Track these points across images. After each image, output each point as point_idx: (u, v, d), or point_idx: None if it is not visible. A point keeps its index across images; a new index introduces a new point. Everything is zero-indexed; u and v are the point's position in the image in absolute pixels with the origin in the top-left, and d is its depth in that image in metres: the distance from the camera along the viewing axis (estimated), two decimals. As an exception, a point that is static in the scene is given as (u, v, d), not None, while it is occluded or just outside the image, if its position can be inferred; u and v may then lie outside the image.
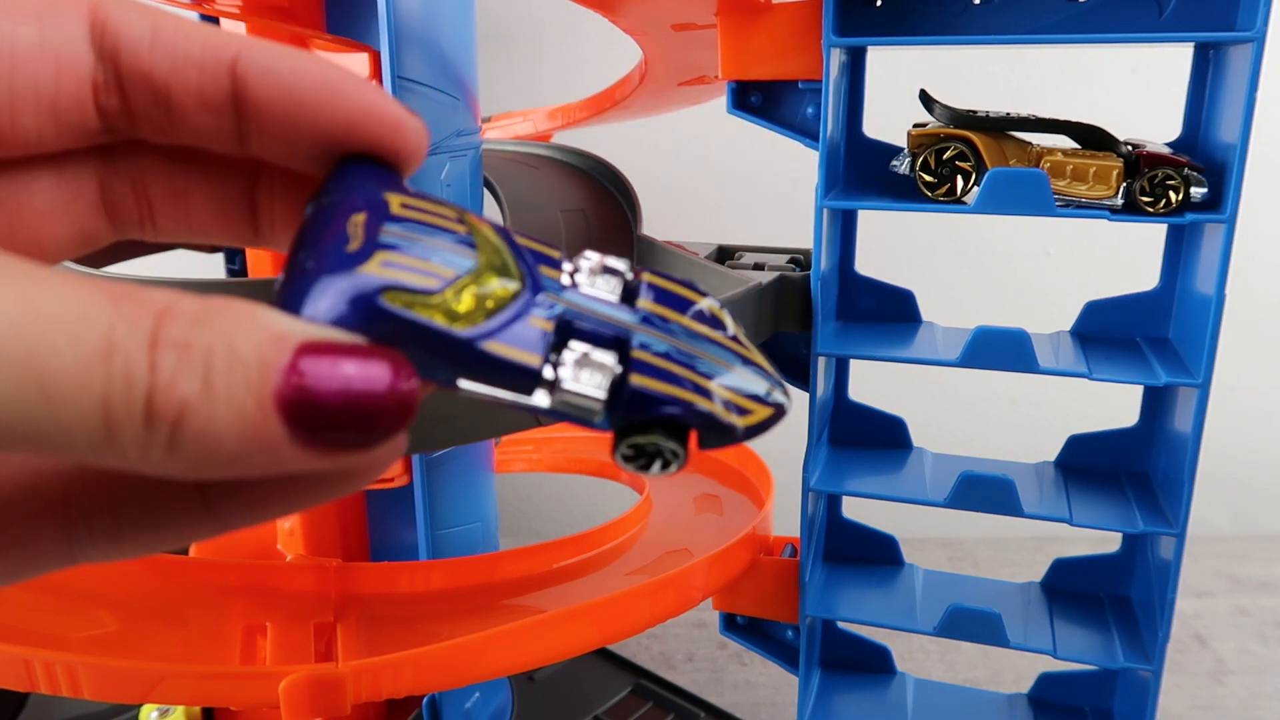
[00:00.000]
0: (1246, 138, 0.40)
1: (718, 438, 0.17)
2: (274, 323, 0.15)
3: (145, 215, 0.20)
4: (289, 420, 0.15)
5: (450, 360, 0.16)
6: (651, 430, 0.17)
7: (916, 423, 0.54)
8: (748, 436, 0.17)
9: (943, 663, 0.74)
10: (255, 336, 0.15)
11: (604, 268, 0.18)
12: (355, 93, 0.18)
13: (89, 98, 0.18)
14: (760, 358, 0.18)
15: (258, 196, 0.20)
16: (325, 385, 0.15)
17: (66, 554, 0.17)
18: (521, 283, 0.17)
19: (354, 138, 0.18)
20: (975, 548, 0.93)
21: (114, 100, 0.18)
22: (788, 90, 0.46)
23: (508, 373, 0.16)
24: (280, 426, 0.15)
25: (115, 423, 0.14)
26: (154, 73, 0.18)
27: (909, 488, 0.48)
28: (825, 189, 0.45)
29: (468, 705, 0.51)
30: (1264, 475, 0.97)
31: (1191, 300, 0.45)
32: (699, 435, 0.17)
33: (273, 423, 0.15)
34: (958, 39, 0.42)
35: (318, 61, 0.18)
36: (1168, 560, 0.45)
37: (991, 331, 0.44)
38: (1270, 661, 0.74)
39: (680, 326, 0.18)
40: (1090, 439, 0.52)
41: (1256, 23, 0.38)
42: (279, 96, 0.18)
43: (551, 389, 0.16)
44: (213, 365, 0.14)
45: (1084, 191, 0.43)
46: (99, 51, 0.18)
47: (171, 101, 0.18)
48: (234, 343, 0.14)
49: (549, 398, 0.16)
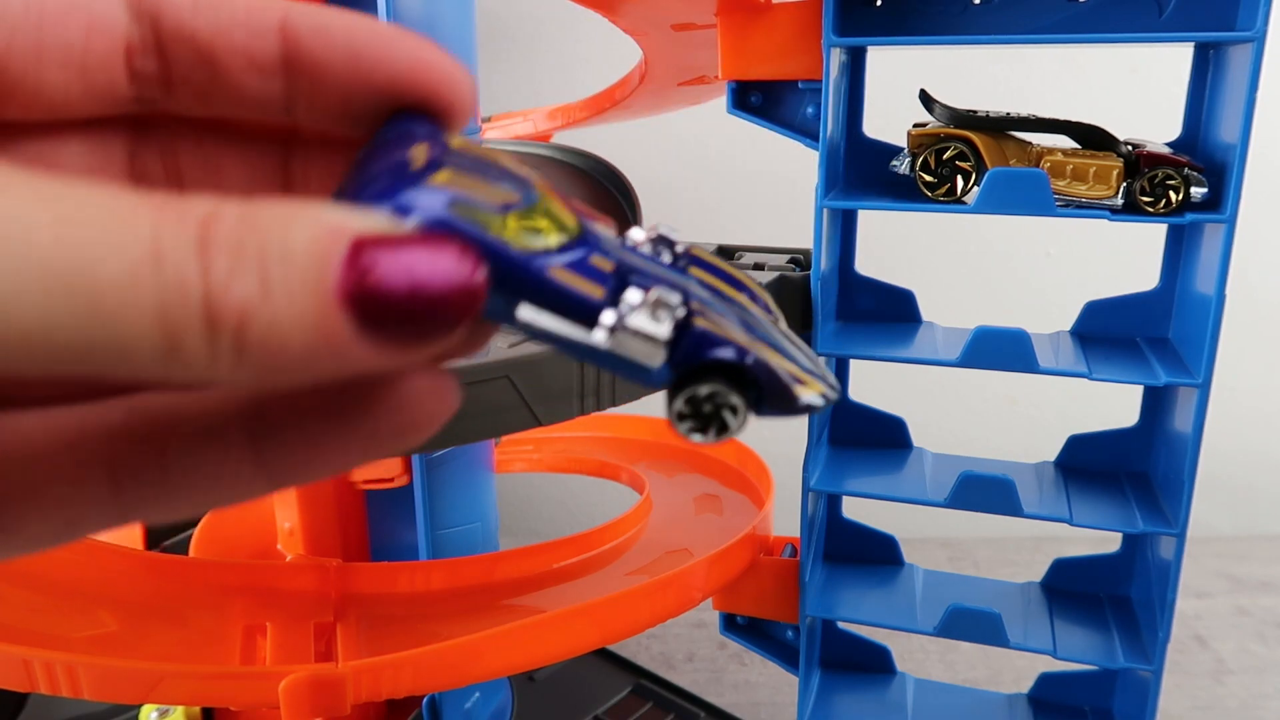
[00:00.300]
0: (1246, 138, 0.40)
1: (777, 401, 0.16)
2: (327, 215, 0.14)
3: (175, 187, 0.20)
4: (354, 315, 0.14)
5: (514, 283, 0.15)
6: (713, 378, 0.16)
7: (916, 423, 0.54)
8: (806, 410, 0.17)
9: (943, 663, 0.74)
10: (309, 230, 0.14)
11: (659, 237, 0.18)
12: (412, 46, 0.18)
13: (120, 60, 0.17)
14: (808, 347, 0.18)
15: (292, 168, 0.20)
16: (388, 277, 0.14)
17: (117, 513, 0.17)
18: (580, 228, 0.16)
19: (411, 92, 0.18)
20: (975, 548, 0.93)
21: (152, 64, 0.17)
22: (788, 90, 0.46)
23: (570, 303, 0.15)
24: (346, 322, 0.14)
25: (175, 333, 0.13)
26: (198, 35, 0.17)
27: (909, 488, 0.48)
28: (825, 189, 0.45)
29: (468, 705, 0.51)
30: (1264, 475, 0.97)
31: (1191, 300, 0.45)
32: (759, 398, 0.16)
33: (337, 319, 0.14)
34: (958, 39, 0.42)
35: (367, 18, 0.18)
36: (1168, 560, 0.45)
37: (991, 331, 0.44)
38: (1270, 661, 0.74)
39: (734, 300, 0.18)
40: (1090, 439, 0.52)
41: (1256, 23, 0.38)
42: (336, 54, 0.17)
43: (612, 330, 0.15)
44: (267, 264, 0.14)
45: (1084, 191, 0.43)
46: (137, 13, 0.17)
47: (217, 64, 0.17)
48: (287, 238, 0.14)
49: (609, 337, 0.15)
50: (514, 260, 0.15)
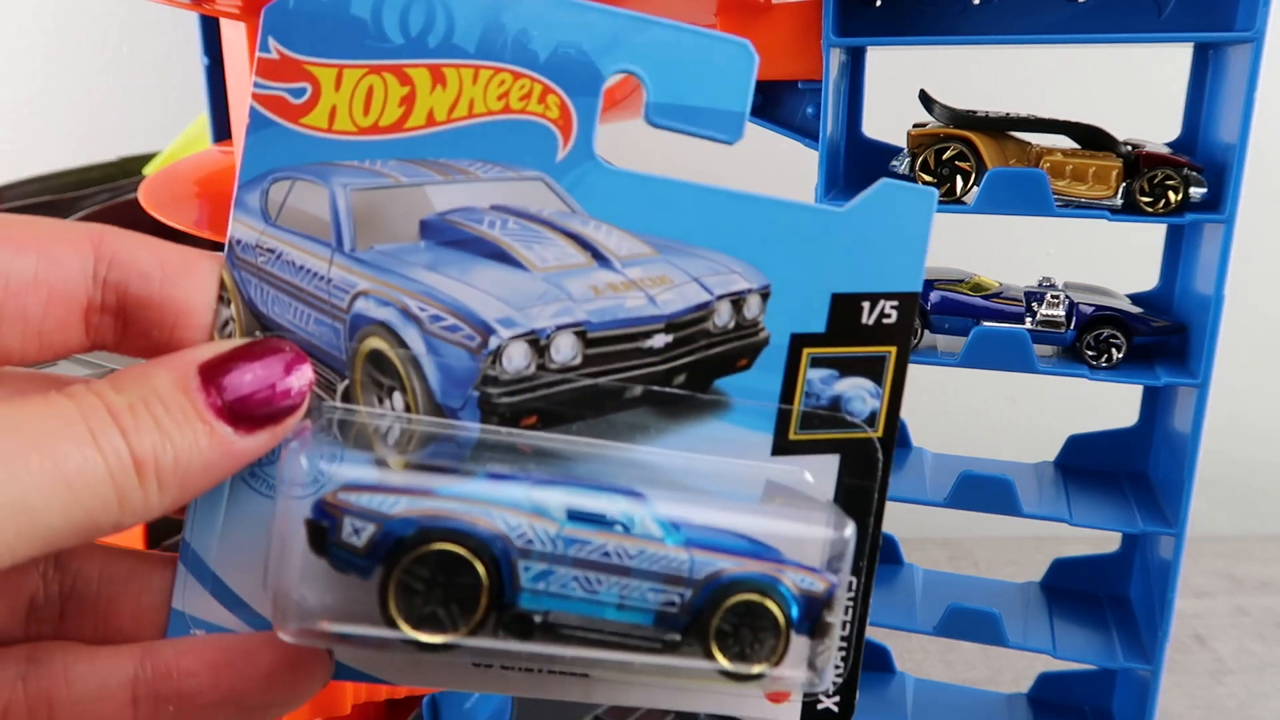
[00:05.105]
0: (1246, 138, 0.40)
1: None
2: (175, 359, 0.19)
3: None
4: (229, 420, 0.19)
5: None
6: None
7: (916, 423, 0.54)
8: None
9: (942, 662, 0.73)
10: (169, 375, 0.19)
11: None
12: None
13: (79, 322, 0.20)
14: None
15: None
16: (240, 388, 0.19)
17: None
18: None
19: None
20: (975, 548, 0.93)
21: (108, 322, 0.21)
22: (788, 90, 0.46)
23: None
24: (227, 428, 0.19)
25: (121, 490, 0.17)
26: (165, 305, 0.20)
27: (909, 488, 0.48)
28: (825, 189, 0.45)
29: (467, 705, 0.51)
30: (1264, 475, 0.97)
31: (1191, 300, 0.45)
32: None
33: (221, 430, 0.19)
34: (958, 39, 0.42)
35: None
36: (1167, 560, 0.45)
37: (991, 331, 0.44)
38: (1270, 661, 0.74)
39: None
40: (1090, 439, 0.52)
41: (1256, 23, 0.38)
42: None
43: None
44: (154, 411, 0.18)
45: (1084, 191, 0.43)
46: (102, 283, 0.20)
47: (176, 324, 0.21)
48: (156, 387, 0.18)
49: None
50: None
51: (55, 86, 0.82)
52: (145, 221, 0.47)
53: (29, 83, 0.82)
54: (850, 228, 0.23)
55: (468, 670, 0.22)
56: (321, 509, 0.20)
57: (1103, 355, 0.44)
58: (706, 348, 0.23)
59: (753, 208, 0.23)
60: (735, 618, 0.21)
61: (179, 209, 0.46)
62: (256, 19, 0.42)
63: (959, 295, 0.47)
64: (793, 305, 0.23)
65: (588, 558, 0.20)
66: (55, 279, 0.20)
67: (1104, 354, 0.44)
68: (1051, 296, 0.45)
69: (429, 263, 0.22)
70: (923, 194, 0.23)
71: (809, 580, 0.21)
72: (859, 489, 0.23)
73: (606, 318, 0.22)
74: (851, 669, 0.23)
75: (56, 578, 0.21)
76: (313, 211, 0.22)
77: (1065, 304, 0.45)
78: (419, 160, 0.22)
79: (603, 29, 0.22)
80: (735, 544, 0.21)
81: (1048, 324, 0.45)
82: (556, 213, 0.23)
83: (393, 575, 0.19)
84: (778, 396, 0.23)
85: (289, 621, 0.20)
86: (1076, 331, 0.45)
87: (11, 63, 0.82)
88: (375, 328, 0.22)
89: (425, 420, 0.22)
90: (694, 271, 0.23)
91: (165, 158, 0.65)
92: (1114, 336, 0.44)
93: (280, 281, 0.22)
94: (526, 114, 0.22)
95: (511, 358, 0.22)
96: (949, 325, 0.47)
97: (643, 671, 0.21)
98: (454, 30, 0.22)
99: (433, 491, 0.20)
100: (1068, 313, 0.45)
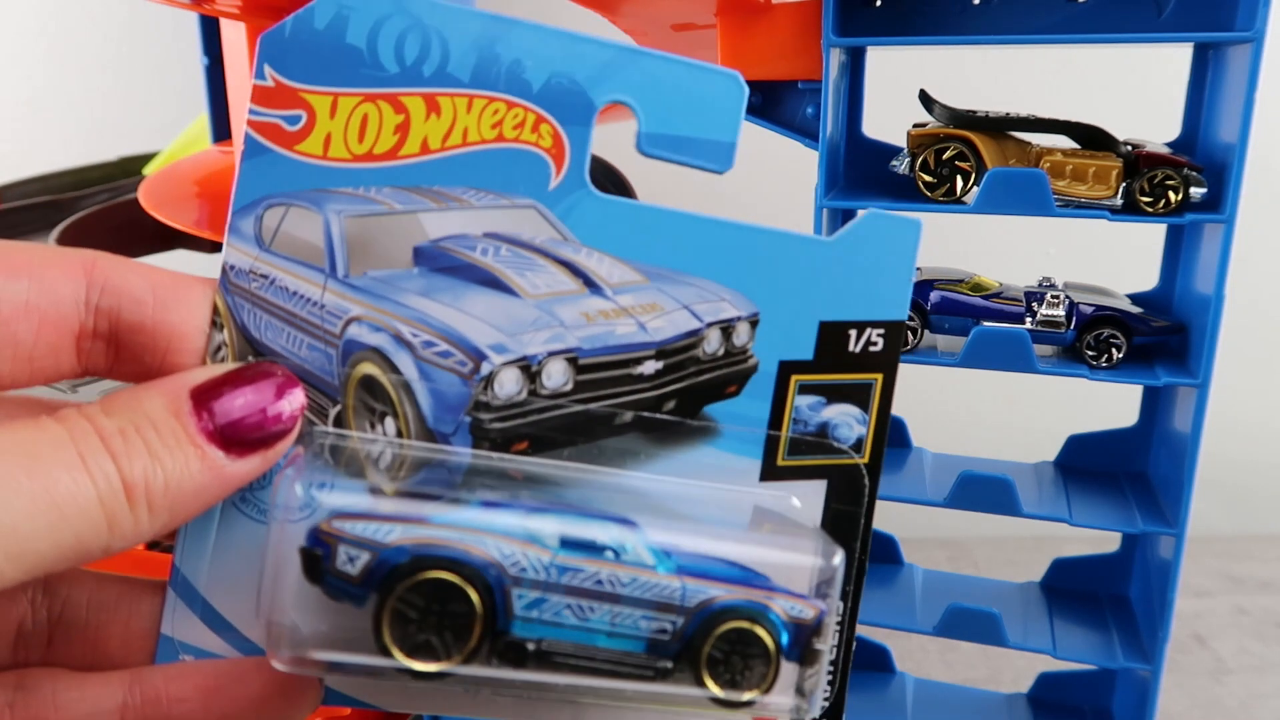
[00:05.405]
0: (1246, 138, 0.40)
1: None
2: (167, 383, 0.19)
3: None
4: (220, 444, 0.19)
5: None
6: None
7: (916, 423, 0.54)
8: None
9: (942, 662, 0.74)
10: (160, 399, 0.19)
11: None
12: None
13: (70, 348, 0.20)
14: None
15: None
16: (232, 412, 0.19)
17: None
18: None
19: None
20: (975, 548, 0.93)
21: (100, 347, 0.21)
22: (788, 90, 0.46)
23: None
24: (218, 452, 0.19)
25: (112, 514, 0.18)
26: (157, 330, 0.21)
27: (909, 488, 0.48)
28: (825, 189, 0.45)
29: (467, 705, 0.51)
30: (1264, 475, 0.97)
31: (1191, 300, 0.45)
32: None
33: (213, 454, 0.19)
34: (958, 39, 0.42)
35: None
36: (1167, 560, 0.45)
37: (991, 331, 0.44)
38: (1270, 661, 0.74)
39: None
40: (1090, 439, 0.52)
41: (1255, 23, 0.38)
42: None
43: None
44: (146, 435, 0.18)
45: (1084, 191, 0.43)
46: (94, 309, 0.20)
47: (170, 349, 0.21)
48: (147, 411, 0.18)
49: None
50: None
51: (55, 86, 0.82)
52: (145, 221, 0.47)
53: (29, 83, 0.82)
54: (837, 257, 0.23)
55: (458, 696, 0.22)
56: (316, 537, 0.20)
57: (1103, 355, 0.44)
58: (696, 374, 0.23)
59: (742, 237, 0.23)
60: (726, 645, 0.21)
61: (179, 209, 0.46)
62: (256, 19, 0.42)
63: (959, 295, 0.47)
64: (781, 333, 0.23)
65: (580, 585, 0.20)
66: (47, 304, 0.20)
67: (1104, 354, 0.44)
68: (1051, 296, 0.45)
69: (422, 289, 0.22)
70: (908, 224, 0.23)
71: (799, 607, 0.21)
72: (846, 514, 0.23)
73: (598, 344, 0.23)
74: (837, 693, 0.23)
75: (45, 603, 0.21)
76: (306, 237, 0.22)
77: (1065, 304, 0.45)
78: (413, 187, 0.22)
79: (595, 60, 0.23)
80: (726, 571, 0.21)
81: (1048, 324, 0.45)
82: (549, 240, 0.23)
83: (387, 603, 0.19)
84: (766, 423, 0.23)
85: (282, 649, 0.20)
86: (1076, 331, 0.45)
87: (11, 63, 0.82)
88: (368, 353, 0.22)
89: (417, 445, 0.22)
90: (684, 299, 0.23)
91: (165, 158, 0.65)
92: (1114, 336, 0.44)
93: (273, 307, 0.22)
94: (520, 143, 0.22)
95: (503, 383, 0.22)
96: (949, 325, 0.47)
97: (634, 699, 0.21)
98: (449, 60, 0.22)
99: (427, 519, 0.20)
100: (1068, 313, 0.45)
